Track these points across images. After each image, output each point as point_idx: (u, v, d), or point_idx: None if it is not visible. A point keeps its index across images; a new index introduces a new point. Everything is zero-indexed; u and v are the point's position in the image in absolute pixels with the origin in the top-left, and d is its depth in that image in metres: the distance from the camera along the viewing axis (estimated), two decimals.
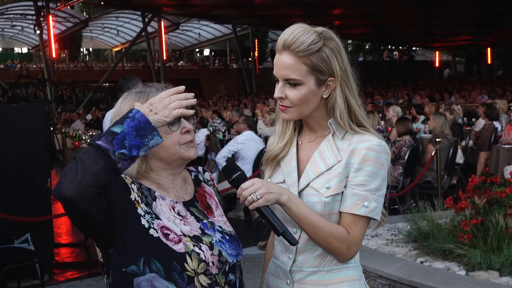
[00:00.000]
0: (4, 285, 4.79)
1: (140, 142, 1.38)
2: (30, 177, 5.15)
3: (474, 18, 21.95)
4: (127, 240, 1.48)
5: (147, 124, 1.40)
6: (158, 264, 1.49)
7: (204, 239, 1.58)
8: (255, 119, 11.34)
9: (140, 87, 1.65)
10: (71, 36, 27.95)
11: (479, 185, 4.22)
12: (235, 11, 22.37)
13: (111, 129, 1.37)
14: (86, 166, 1.32)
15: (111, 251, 1.50)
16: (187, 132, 1.61)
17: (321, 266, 1.66)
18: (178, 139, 1.59)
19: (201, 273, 1.53)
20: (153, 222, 1.53)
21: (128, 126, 1.37)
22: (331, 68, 1.62)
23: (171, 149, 1.58)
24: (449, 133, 7.57)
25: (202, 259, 1.53)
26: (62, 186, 1.32)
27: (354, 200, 1.61)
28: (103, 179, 1.34)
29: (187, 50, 40.24)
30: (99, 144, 1.35)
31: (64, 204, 1.34)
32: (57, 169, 10.33)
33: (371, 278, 3.87)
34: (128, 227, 1.48)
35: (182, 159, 1.62)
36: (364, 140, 1.63)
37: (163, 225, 1.54)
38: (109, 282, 1.55)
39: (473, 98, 16.59)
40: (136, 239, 1.49)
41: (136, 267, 1.48)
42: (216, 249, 1.57)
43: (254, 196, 1.53)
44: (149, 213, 1.54)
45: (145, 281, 1.49)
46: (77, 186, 1.31)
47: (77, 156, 1.36)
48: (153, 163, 1.60)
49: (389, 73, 34.73)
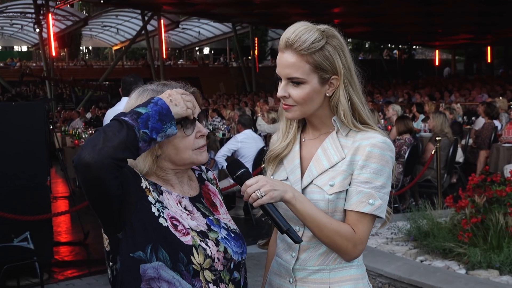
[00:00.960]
0: (4, 284, 4.79)
1: (161, 127, 1.43)
2: (29, 176, 5.14)
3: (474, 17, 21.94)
4: (136, 225, 1.48)
5: (168, 112, 1.45)
6: (165, 254, 1.49)
7: (210, 235, 1.58)
8: (254, 117, 11.33)
9: (156, 85, 1.65)
10: (70, 34, 27.94)
11: (479, 184, 4.21)
12: (234, 10, 22.36)
13: (135, 110, 1.42)
14: (108, 138, 1.36)
15: (120, 236, 1.50)
16: (201, 137, 1.62)
17: (324, 265, 1.65)
18: (192, 144, 1.60)
19: (207, 268, 1.53)
20: (163, 211, 1.54)
21: (152, 109, 1.42)
22: (334, 66, 1.61)
23: (185, 153, 1.59)
24: (449, 132, 7.57)
25: (208, 254, 1.53)
26: (82, 153, 1.34)
27: (359, 198, 1.60)
28: (123, 153, 1.38)
29: (186, 49, 40.22)
30: (125, 119, 1.39)
31: (83, 172, 1.36)
32: (56, 168, 10.34)
33: (371, 277, 3.87)
34: (138, 212, 1.49)
35: (194, 163, 1.63)
36: (369, 137, 1.62)
37: (173, 215, 1.55)
38: (115, 269, 1.53)
39: (473, 97, 16.60)
40: (145, 226, 1.49)
41: (143, 253, 1.48)
42: (221, 246, 1.57)
43: (258, 193, 1.52)
44: (160, 202, 1.55)
45: (152, 268, 1.49)
46: (97, 154, 1.34)
47: (101, 128, 1.40)
48: (163, 164, 1.60)
49: (389, 72, 34.73)
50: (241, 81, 31.02)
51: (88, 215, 6.81)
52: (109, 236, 1.54)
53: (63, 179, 10.14)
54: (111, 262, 1.54)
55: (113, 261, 1.54)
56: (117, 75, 20.05)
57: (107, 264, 1.57)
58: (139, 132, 1.38)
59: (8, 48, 41.53)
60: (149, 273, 1.49)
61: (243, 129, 7.38)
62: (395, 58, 39.56)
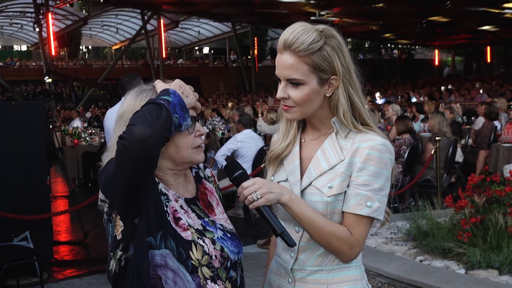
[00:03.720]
0: (3, 283, 4.79)
1: (183, 115, 1.49)
2: (29, 175, 5.14)
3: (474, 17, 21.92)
4: (151, 211, 1.51)
5: (184, 103, 1.52)
6: (173, 243, 1.51)
7: (206, 234, 1.59)
8: (256, 117, 11.33)
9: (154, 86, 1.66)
10: (70, 34, 27.96)
11: (479, 183, 4.21)
12: (234, 9, 22.35)
13: (160, 97, 1.47)
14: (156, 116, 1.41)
15: (136, 221, 1.50)
16: (200, 136, 1.64)
17: (322, 265, 1.65)
18: (191, 142, 1.61)
19: (205, 265, 1.54)
20: (167, 204, 1.56)
21: (174, 99, 1.48)
22: (333, 66, 1.61)
23: (184, 151, 1.60)
24: (447, 131, 7.56)
25: (206, 251, 1.54)
26: (136, 129, 1.38)
27: (357, 200, 1.60)
28: (169, 132, 1.45)
29: (186, 48, 40.20)
30: (162, 103, 1.44)
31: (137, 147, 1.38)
32: (56, 167, 10.33)
33: (370, 276, 3.87)
34: (153, 198, 1.52)
35: (192, 162, 1.64)
36: (368, 140, 1.62)
37: (176, 208, 1.57)
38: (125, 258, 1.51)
39: (472, 96, 16.60)
40: (157, 213, 1.51)
41: (153, 239, 1.50)
42: (218, 245, 1.58)
43: (254, 195, 1.52)
44: (164, 194, 1.58)
45: (159, 255, 1.50)
46: (152, 129, 1.38)
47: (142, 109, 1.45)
48: (162, 163, 1.60)
49: (388, 72, 34.73)
50: (241, 80, 31.02)
51: (87, 215, 6.82)
52: (125, 223, 1.52)
53: (62, 178, 10.15)
54: (121, 251, 1.52)
55: (124, 250, 1.52)
56: (117, 74, 20.03)
57: (112, 256, 1.55)
58: (174, 116, 1.45)
59: (8, 47, 41.50)
60: (156, 260, 1.50)
61: (243, 128, 7.38)
62: (395, 58, 39.56)
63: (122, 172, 1.43)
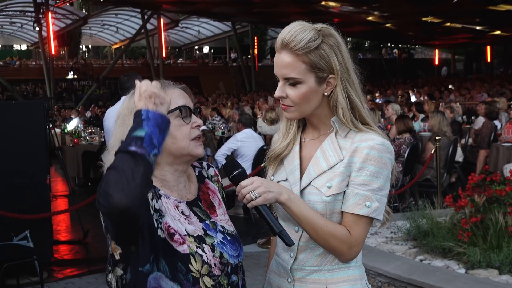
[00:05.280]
0: (3, 282, 4.79)
1: (164, 137, 1.39)
2: (29, 175, 5.14)
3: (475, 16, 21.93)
4: (146, 236, 1.47)
5: (162, 118, 1.40)
6: (165, 265, 1.49)
7: (207, 240, 1.58)
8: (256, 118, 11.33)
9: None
10: (70, 33, 27.99)
11: (479, 183, 4.21)
12: (234, 9, 22.36)
13: (133, 135, 1.35)
14: (130, 177, 1.29)
15: (132, 249, 1.48)
16: (197, 127, 1.63)
17: (322, 265, 1.65)
18: (188, 133, 1.61)
19: (205, 274, 1.53)
20: (160, 221, 1.53)
21: (149, 127, 1.36)
22: (330, 65, 1.60)
23: (182, 142, 1.59)
24: (447, 131, 7.55)
25: (205, 261, 1.53)
26: (113, 200, 1.27)
27: (356, 200, 1.59)
28: (147, 187, 1.34)
29: (186, 48, 40.22)
30: (134, 150, 1.32)
31: (117, 216, 1.31)
32: (56, 167, 10.33)
33: (370, 276, 3.87)
34: (146, 222, 1.48)
35: (190, 155, 1.62)
36: (367, 139, 1.61)
37: (169, 224, 1.54)
38: (125, 278, 1.51)
39: (472, 96, 16.61)
40: (149, 236, 1.49)
41: (149, 265, 1.49)
42: (217, 251, 1.57)
43: (252, 194, 1.52)
44: (157, 211, 1.54)
45: (153, 279, 1.49)
46: (128, 197, 1.28)
47: (115, 166, 1.31)
48: (160, 157, 1.57)
49: (388, 71, 34.73)
50: (241, 80, 31.02)
51: (87, 214, 6.81)
52: (122, 248, 1.51)
53: (62, 177, 10.15)
54: (122, 271, 1.51)
55: (124, 271, 1.51)
56: (117, 74, 20.06)
57: (111, 270, 1.54)
58: (150, 158, 1.34)
59: (8, 46, 41.52)
60: (150, 283, 1.49)
61: (243, 128, 7.37)
62: (395, 58, 39.55)
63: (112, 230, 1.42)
